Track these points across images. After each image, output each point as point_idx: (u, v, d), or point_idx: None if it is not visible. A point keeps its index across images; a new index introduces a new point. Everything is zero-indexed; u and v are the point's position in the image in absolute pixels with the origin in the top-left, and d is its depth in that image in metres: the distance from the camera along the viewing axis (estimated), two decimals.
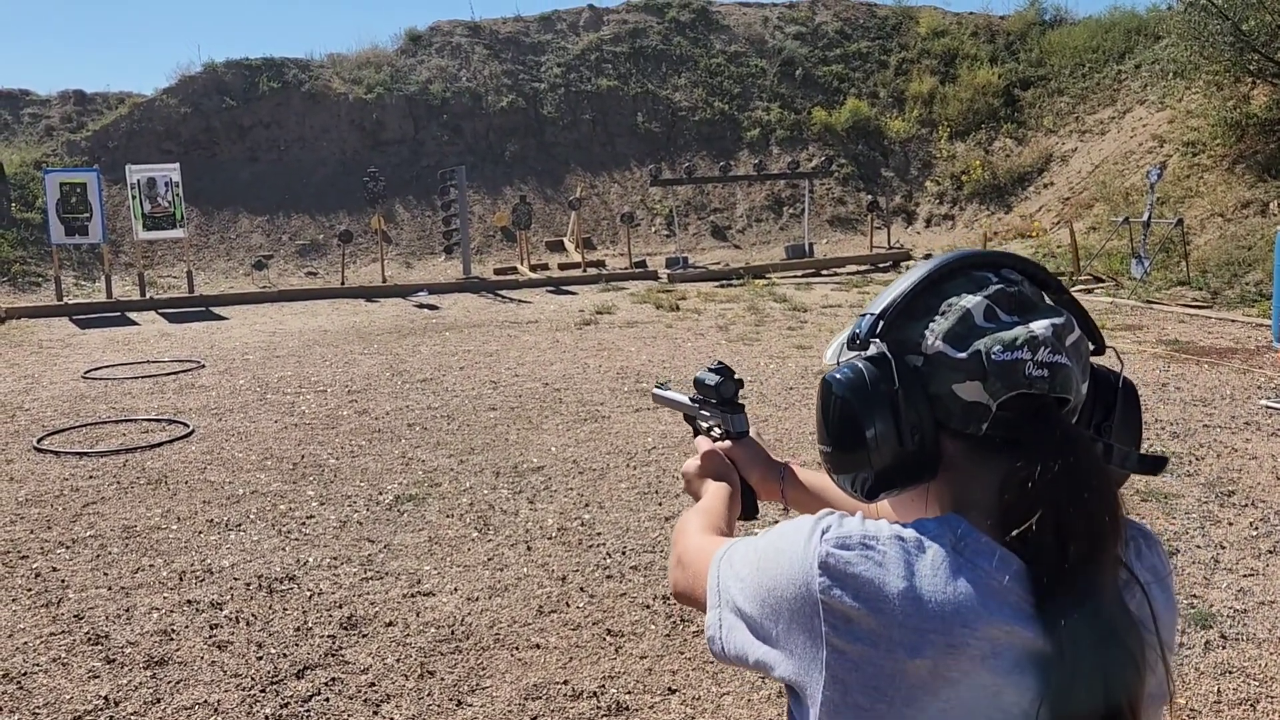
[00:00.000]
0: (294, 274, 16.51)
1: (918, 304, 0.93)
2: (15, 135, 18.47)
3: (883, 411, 0.91)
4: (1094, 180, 16.38)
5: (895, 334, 0.93)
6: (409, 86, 19.46)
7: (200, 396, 7.68)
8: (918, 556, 0.85)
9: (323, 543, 4.46)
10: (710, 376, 1.42)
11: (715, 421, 1.43)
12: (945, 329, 0.90)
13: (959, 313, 0.90)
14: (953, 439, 0.91)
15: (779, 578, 0.89)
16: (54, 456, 6.06)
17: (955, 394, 0.89)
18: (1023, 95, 19.86)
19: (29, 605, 3.83)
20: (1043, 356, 0.87)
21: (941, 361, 0.90)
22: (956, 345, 0.89)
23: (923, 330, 0.92)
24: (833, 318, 10.81)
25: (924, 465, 0.92)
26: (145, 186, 14.17)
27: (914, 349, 0.92)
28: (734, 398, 1.41)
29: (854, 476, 0.95)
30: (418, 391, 7.64)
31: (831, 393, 0.94)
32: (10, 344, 10.73)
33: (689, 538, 1.14)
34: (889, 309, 0.94)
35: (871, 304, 0.97)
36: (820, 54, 21.66)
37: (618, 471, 5.41)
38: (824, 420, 0.96)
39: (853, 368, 0.93)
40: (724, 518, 1.24)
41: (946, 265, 0.95)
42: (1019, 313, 0.90)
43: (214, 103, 18.55)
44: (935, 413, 0.91)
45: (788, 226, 18.64)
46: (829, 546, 0.87)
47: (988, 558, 0.85)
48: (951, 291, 0.92)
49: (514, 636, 3.49)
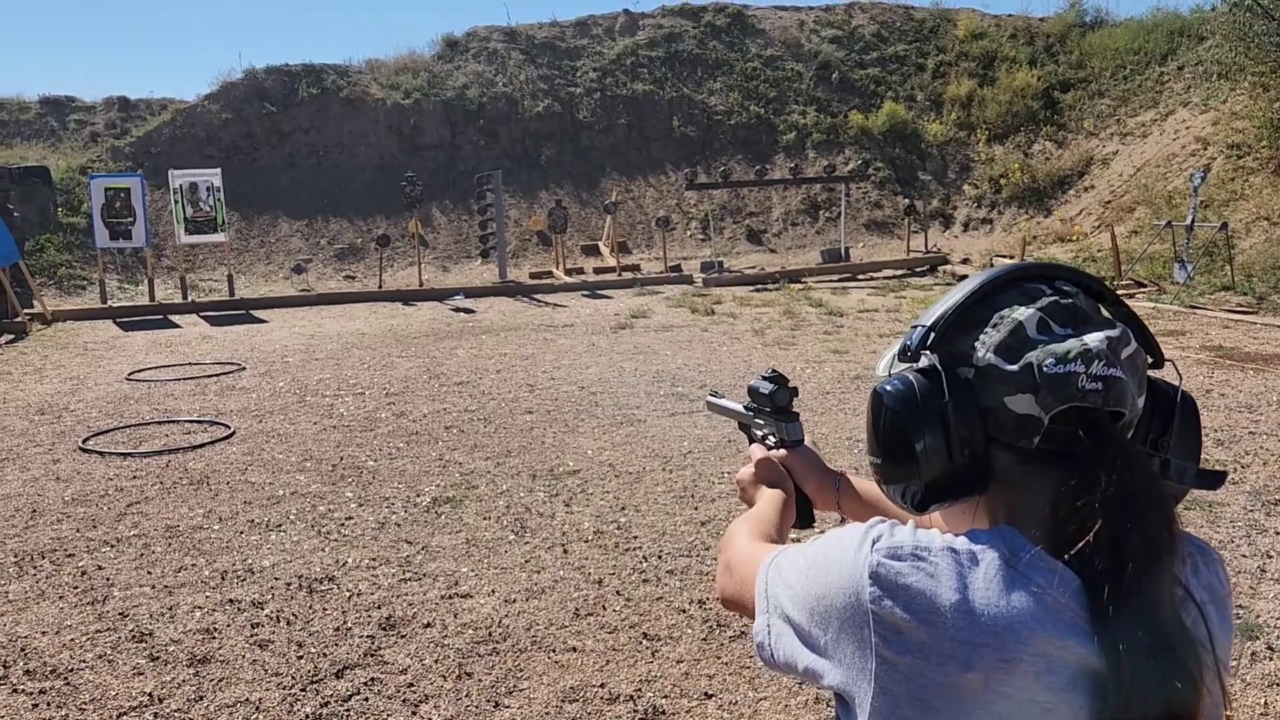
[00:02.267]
0: (332, 277, 16.69)
1: (969, 316, 0.93)
2: (62, 141, 18.86)
3: (932, 424, 0.90)
4: (1135, 183, 16.15)
5: (946, 346, 0.93)
6: (446, 92, 19.62)
7: (241, 398, 7.78)
8: (970, 569, 0.84)
9: (361, 544, 4.49)
10: (764, 384, 1.41)
11: (770, 429, 1.43)
12: (997, 341, 0.90)
13: (1011, 325, 0.90)
14: (1004, 452, 0.90)
15: (829, 586, 0.89)
16: (99, 457, 6.16)
17: (1006, 407, 0.89)
18: (1063, 97, 19.63)
19: (75, 603, 3.90)
20: (1096, 370, 0.87)
21: (993, 374, 0.89)
22: (1008, 357, 0.89)
23: (974, 342, 0.91)
24: (869, 322, 10.74)
25: (975, 478, 0.92)
26: (187, 191, 14.40)
27: (965, 361, 0.92)
28: (788, 405, 1.41)
29: (903, 488, 0.95)
30: (454, 394, 7.69)
31: (882, 405, 0.94)
32: (56, 346, 10.94)
33: (738, 544, 1.14)
34: (940, 321, 0.93)
35: (923, 316, 0.96)
36: (857, 57, 21.55)
37: (654, 475, 5.41)
38: (874, 432, 0.95)
39: (903, 380, 0.93)
40: (775, 525, 1.23)
41: (999, 277, 0.94)
42: (1073, 325, 0.90)
43: (254, 108, 18.81)
44: (986, 425, 0.90)
45: (824, 230, 18.56)
46: (880, 556, 0.86)
47: (1042, 572, 0.84)
48: (1004, 304, 0.92)
49: (551, 639, 3.49)
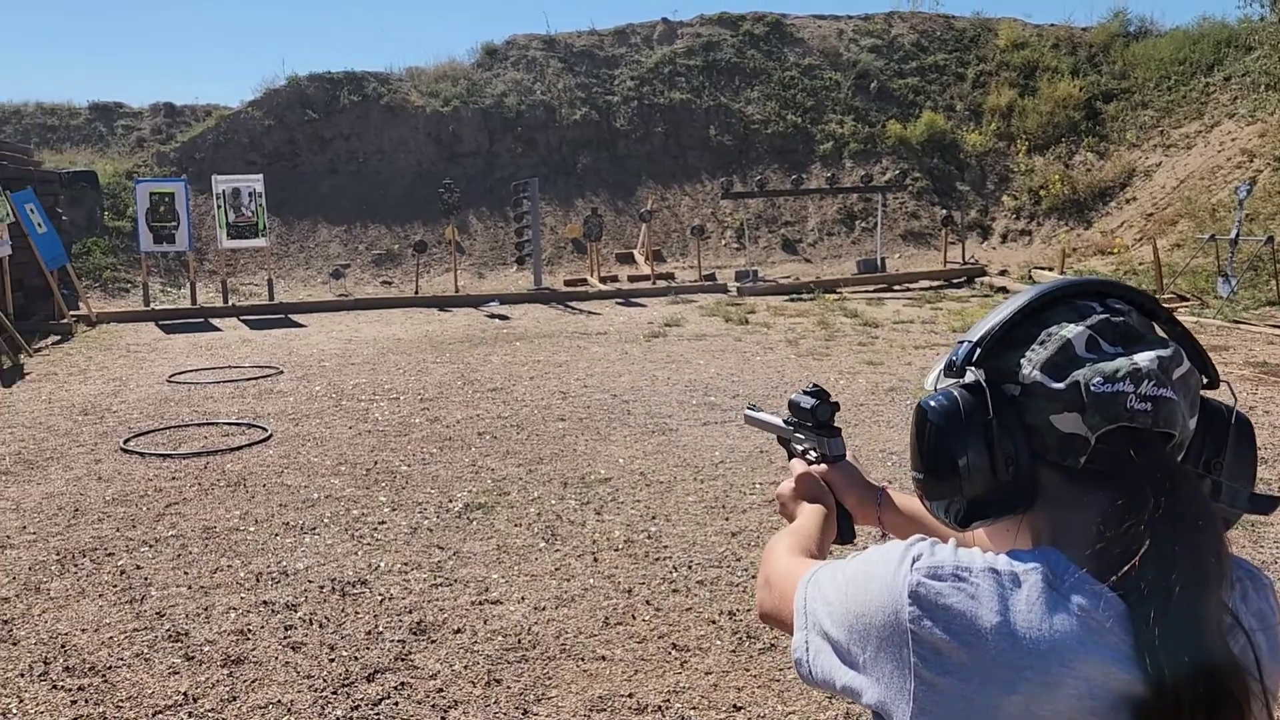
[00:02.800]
0: (370, 283, 16.87)
1: (1017, 332, 0.92)
2: (110, 146, 19.24)
3: (976, 441, 0.90)
4: (1179, 196, 15.90)
5: (993, 362, 0.92)
6: (484, 99, 19.78)
7: (278, 402, 7.88)
8: (1012, 590, 0.83)
9: (394, 548, 4.53)
10: (805, 399, 1.40)
11: (810, 444, 1.42)
12: (1044, 358, 0.89)
13: (1059, 342, 0.89)
14: (1050, 470, 0.90)
15: (868, 604, 0.88)
16: (139, 457, 6.27)
17: (1053, 425, 0.88)
18: (1105, 108, 19.39)
19: (114, 601, 3.97)
20: (1146, 390, 0.85)
21: (1038, 391, 0.88)
22: (1054, 375, 0.88)
23: (1020, 359, 0.90)
24: (904, 333, 10.66)
25: (1019, 496, 0.91)
26: (230, 196, 14.63)
27: (1011, 378, 0.91)
28: (830, 420, 1.40)
29: (946, 504, 0.94)
30: (488, 400, 7.73)
31: (925, 420, 0.93)
32: (100, 347, 11.15)
33: (777, 559, 1.13)
34: (986, 336, 0.93)
35: (970, 330, 0.95)
36: (896, 67, 21.44)
37: (685, 485, 5.40)
38: (917, 447, 0.95)
39: (948, 395, 0.93)
40: (815, 540, 1.23)
41: (1049, 293, 0.93)
42: (1123, 344, 0.89)
43: (296, 115, 19.08)
44: (1032, 443, 0.89)
45: (860, 240, 18.46)
46: (920, 575, 0.85)
47: (1086, 595, 0.83)
48: (1052, 320, 0.91)
49: (580, 647, 3.50)
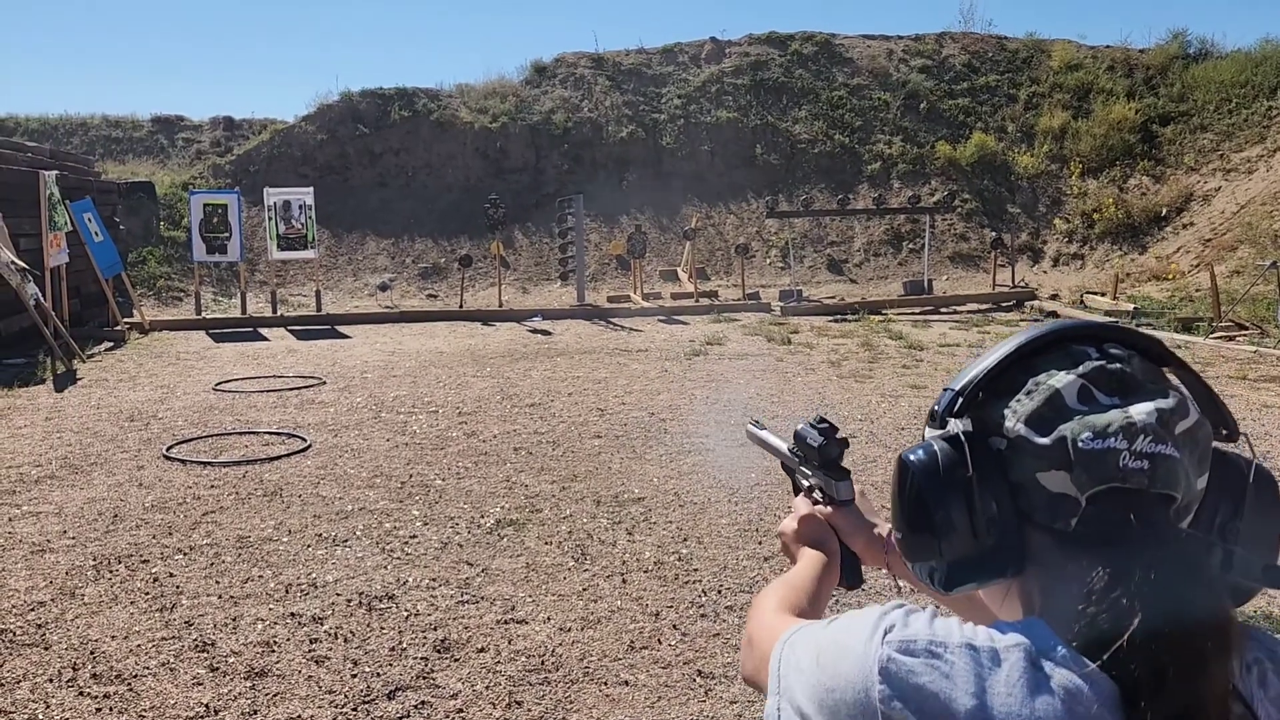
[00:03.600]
0: (415, 295, 17.03)
1: (1004, 380, 0.84)
2: (170, 158, 19.70)
3: (955, 499, 0.82)
4: (1239, 221, 15.51)
5: (978, 412, 0.85)
6: (532, 116, 19.93)
7: (319, 412, 7.95)
8: (991, 670, 0.76)
9: (423, 563, 4.52)
10: (812, 434, 1.28)
11: (816, 482, 1.32)
12: (1029, 410, 0.81)
13: (1046, 392, 0.81)
14: (1039, 532, 0.82)
15: (838, 678, 0.81)
16: (180, 465, 6.35)
17: (1039, 484, 0.80)
18: (1162, 131, 19.02)
19: (145, 609, 4.00)
20: (1142, 446, 0.77)
21: (1024, 447, 0.81)
22: (1040, 429, 0.80)
23: (1005, 410, 0.83)
24: (949, 357, 10.49)
25: (1006, 559, 0.83)
26: (281, 209, 14.87)
27: (996, 430, 0.83)
28: (838, 460, 1.29)
29: (927, 567, 0.87)
30: (526, 416, 7.73)
31: (905, 475, 0.86)
32: (151, 355, 11.36)
33: (762, 616, 1.06)
34: (970, 384, 0.85)
35: (956, 376, 0.88)
36: (946, 87, 21.24)
37: (718, 506, 5.34)
38: (897, 504, 0.88)
39: (927, 449, 0.85)
40: (809, 594, 1.14)
41: (1040, 337, 0.85)
42: (1120, 394, 0.80)
43: (348, 130, 19.38)
44: (1018, 503, 0.82)
45: (906, 262, 18.26)
46: (891, 650, 0.78)
47: (1072, 676, 0.75)
48: (1043, 367, 0.83)
49: (603, 671, 3.45)
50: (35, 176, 11.26)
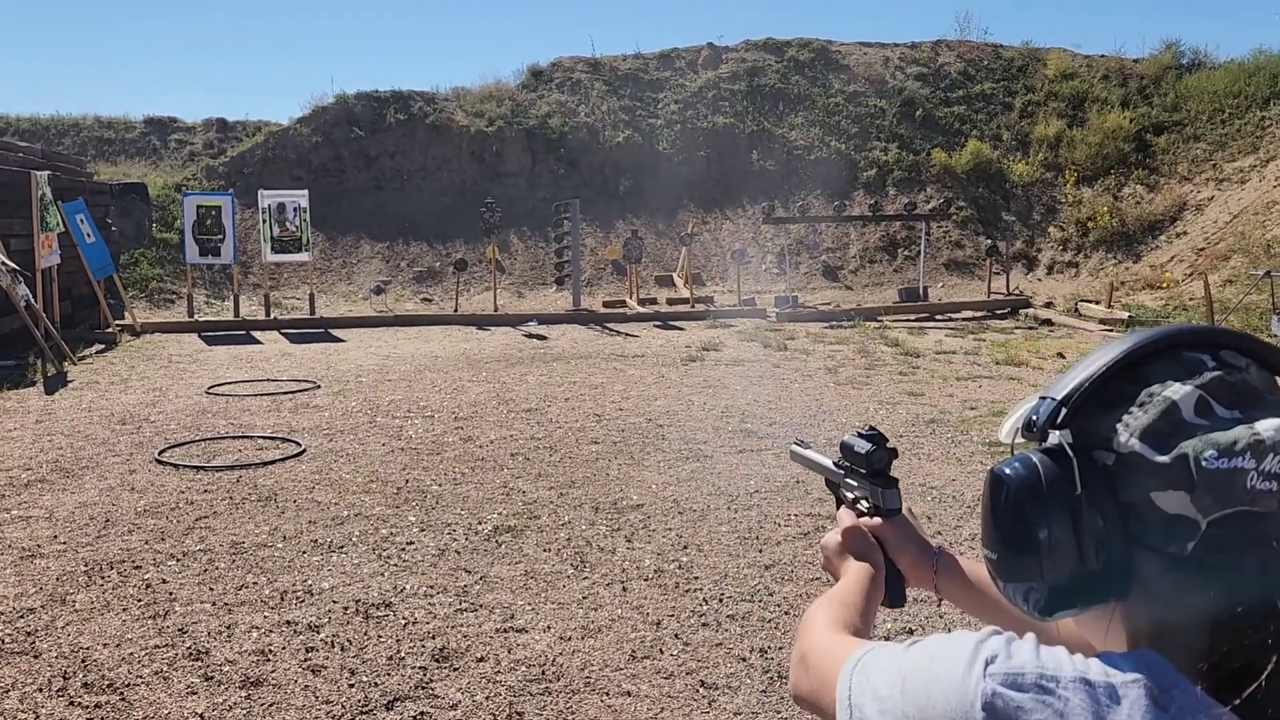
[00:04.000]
0: (410, 299, 16.95)
1: (1111, 390, 0.78)
2: (162, 160, 19.60)
3: (1060, 518, 0.76)
4: (1232, 231, 15.55)
5: (1082, 424, 0.79)
6: (529, 120, 19.89)
7: (314, 416, 7.88)
8: (1110, 709, 0.69)
9: (420, 570, 4.47)
10: (860, 443, 1.26)
11: (862, 493, 1.28)
12: (1144, 424, 0.75)
13: (1162, 405, 0.75)
14: (1149, 556, 0.75)
15: (929, 709, 0.74)
16: (173, 469, 6.28)
17: (1154, 504, 0.74)
18: (1155, 140, 19.06)
19: (138, 616, 3.93)
20: (1271, 466, 0.71)
21: (1138, 464, 0.75)
22: (1158, 446, 0.74)
23: (1115, 423, 0.76)
24: (946, 364, 10.47)
25: (1111, 583, 0.77)
26: (275, 211, 14.79)
27: (1104, 444, 0.77)
28: (886, 469, 1.26)
29: (1024, 589, 0.80)
30: (522, 421, 7.67)
31: (1001, 490, 0.80)
32: (143, 358, 11.27)
33: (816, 633, 0.99)
34: (1074, 394, 0.79)
35: (1054, 385, 0.82)
36: (942, 95, 21.27)
37: (718, 514, 5.29)
38: (991, 520, 0.81)
39: (1025, 462, 0.79)
40: (860, 610, 1.09)
41: (1149, 343, 0.79)
42: (1241, 407, 0.74)
43: (343, 132, 19.31)
44: (1127, 523, 0.75)
45: (902, 269, 18.26)
46: (995, 683, 0.72)
47: (1199, 717, 0.69)
48: (1155, 377, 0.77)
49: (605, 681, 3.40)
50: (27, 177, 11.17)
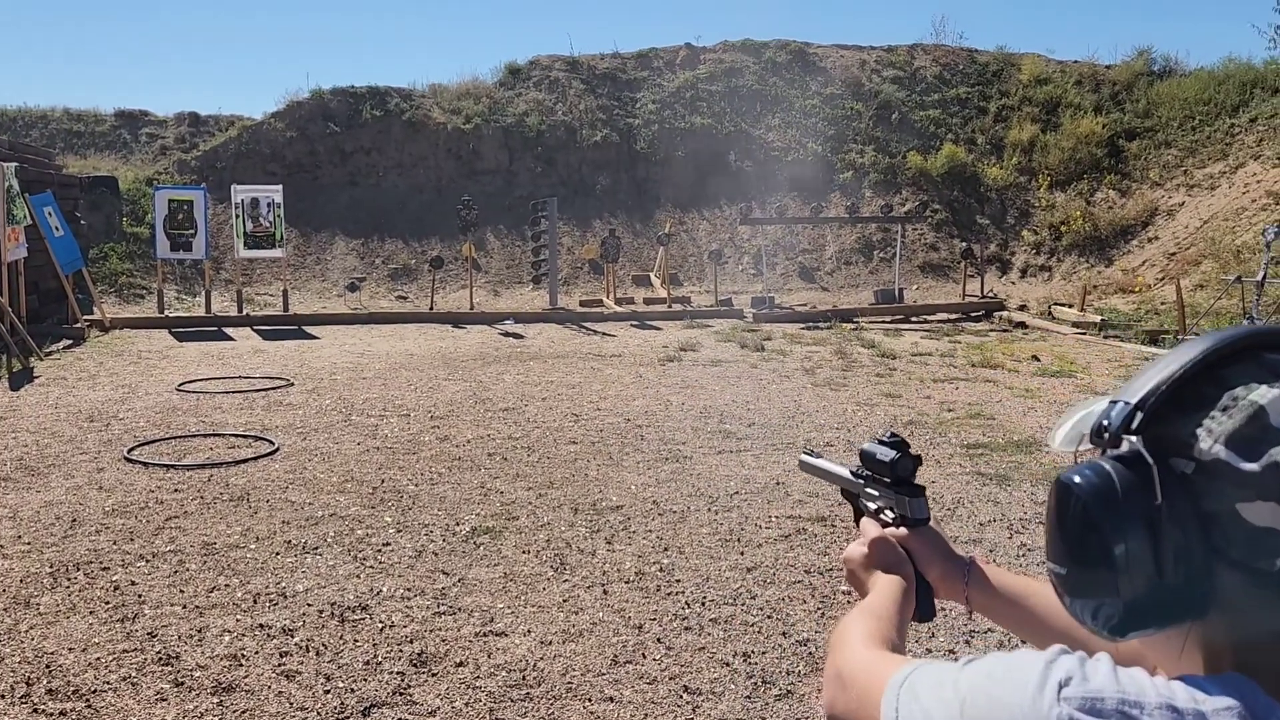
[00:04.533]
0: (385, 297, 16.80)
1: (1189, 393, 0.73)
2: (133, 154, 19.31)
3: (1137, 530, 0.71)
4: (1202, 236, 15.72)
5: (1158, 429, 0.74)
6: (506, 118, 19.77)
7: (287, 414, 7.76)
8: None
9: (397, 572, 4.39)
10: (883, 451, 1.20)
11: (886, 503, 1.22)
12: (1230, 429, 0.70)
13: (1248, 409, 0.70)
14: (1232, 571, 0.70)
15: None
16: (143, 467, 6.15)
17: (1240, 516, 0.69)
18: (1128, 146, 19.25)
19: (105, 619, 3.83)
20: None
21: (1222, 472, 0.70)
22: (1245, 453, 0.69)
23: (1196, 429, 0.72)
24: (922, 365, 10.50)
25: (1191, 601, 0.71)
26: (248, 206, 14.60)
27: (1183, 451, 0.72)
28: (911, 477, 1.20)
29: (1095, 606, 0.75)
30: (499, 420, 7.60)
31: (1071, 499, 0.74)
32: (112, 353, 11.08)
33: (852, 649, 0.94)
34: (1151, 398, 0.74)
35: (1125, 387, 0.77)
36: (918, 99, 21.37)
37: (699, 515, 5.25)
38: (1059, 533, 0.76)
39: (1098, 470, 0.74)
40: (895, 625, 1.03)
41: (1227, 344, 0.75)
42: None
43: (319, 128, 19.11)
44: (1209, 536, 0.70)
45: (877, 270, 18.32)
46: (1072, 708, 0.66)
47: None
48: (1236, 379, 0.72)
49: (586, 686, 3.34)
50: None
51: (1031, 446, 6.76)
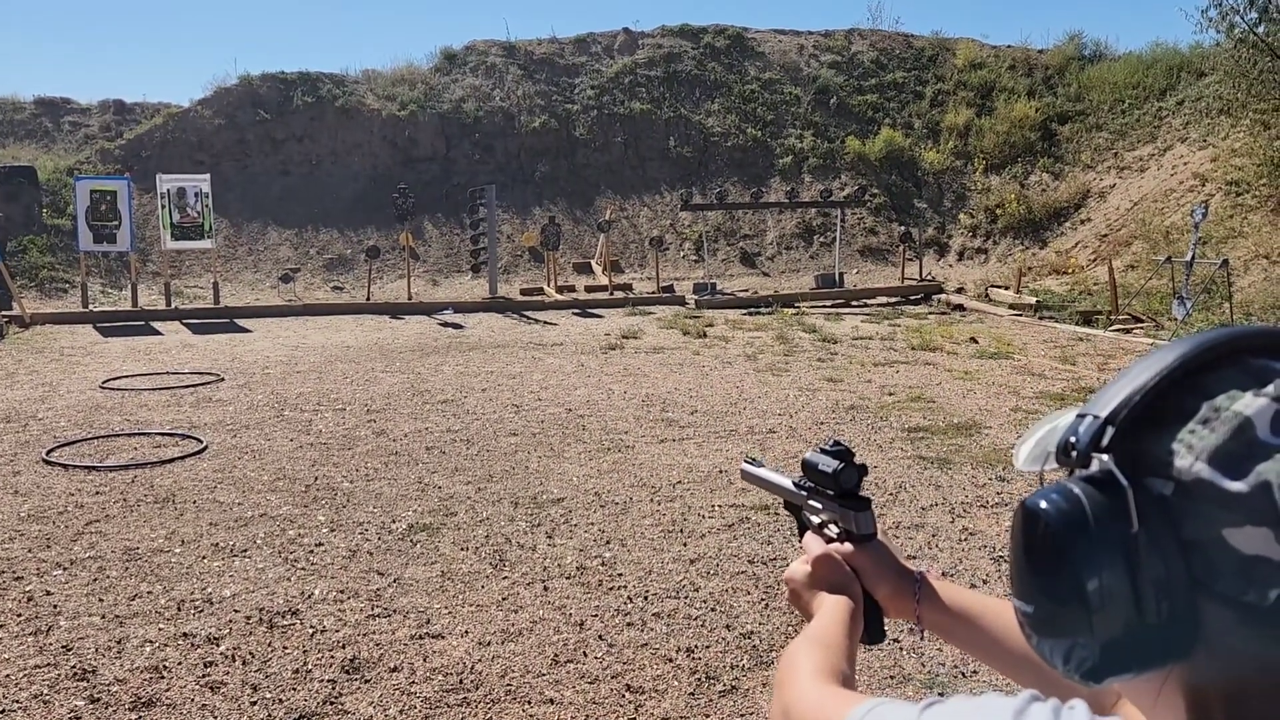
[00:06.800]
0: (320, 288, 16.44)
1: (1165, 404, 0.64)
2: (55, 143, 18.63)
3: (1112, 561, 0.62)
4: (1133, 218, 16.06)
5: (1131, 445, 0.64)
6: (442, 105, 19.45)
7: (217, 411, 7.52)
8: None
9: (330, 574, 4.24)
10: (826, 461, 1.12)
11: (831, 517, 1.14)
12: (1212, 445, 0.61)
13: (1233, 421, 0.61)
14: (1217, 606, 0.61)
15: None
16: (62, 470, 5.89)
17: (1226, 543, 0.60)
18: (1060, 130, 19.58)
19: (16, 632, 3.63)
20: None
21: (1205, 493, 0.61)
22: (1230, 470, 0.60)
23: (1173, 444, 0.63)
24: (863, 350, 10.55)
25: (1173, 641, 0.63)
26: (175, 196, 14.16)
27: (1159, 470, 0.63)
28: (857, 488, 1.12)
29: (1066, 647, 0.65)
30: (438, 413, 7.44)
31: (1038, 528, 0.65)
32: (32, 350, 10.66)
33: (800, 685, 0.85)
34: (1124, 410, 0.65)
35: (1093, 399, 0.68)
36: (855, 83, 21.50)
37: (641, 506, 5.17)
38: (1026, 566, 0.67)
39: (1066, 494, 0.65)
40: (845, 653, 0.94)
41: (1208, 348, 0.65)
42: None
43: (248, 115, 18.61)
44: (1191, 566, 0.61)
45: (818, 255, 18.41)
46: None
47: None
48: (1218, 387, 0.63)
49: (526, 688, 3.25)
50: None
51: (971, 429, 6.81)
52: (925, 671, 3.32)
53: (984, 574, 4.21)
